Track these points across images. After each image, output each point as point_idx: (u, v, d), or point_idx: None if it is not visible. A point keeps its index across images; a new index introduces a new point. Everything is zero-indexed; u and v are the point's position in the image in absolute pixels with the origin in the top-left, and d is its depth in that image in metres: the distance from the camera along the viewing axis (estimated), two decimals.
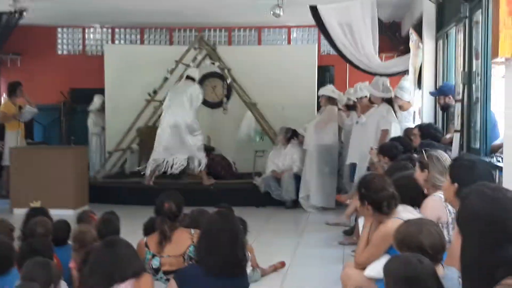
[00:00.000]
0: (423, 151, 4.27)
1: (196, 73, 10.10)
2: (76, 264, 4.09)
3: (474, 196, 2.19)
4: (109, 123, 11.78)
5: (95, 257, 3.44)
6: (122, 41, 13.50)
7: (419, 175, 4.24)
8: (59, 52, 13.61)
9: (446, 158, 4.21)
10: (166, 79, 10.40)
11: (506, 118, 4.22)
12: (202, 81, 11.72)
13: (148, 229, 4.65)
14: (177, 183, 9.82)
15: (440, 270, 2.83)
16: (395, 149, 6.19)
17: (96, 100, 11.88)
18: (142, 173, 9.92)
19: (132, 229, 4.99)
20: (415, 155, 5.29)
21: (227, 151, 11.03)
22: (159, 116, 11.04)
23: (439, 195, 3.93)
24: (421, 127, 6.91)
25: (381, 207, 3.85)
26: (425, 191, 4.21)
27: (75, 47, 13.62)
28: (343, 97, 9.86)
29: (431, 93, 7.68)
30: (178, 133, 9.68)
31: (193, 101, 9.73)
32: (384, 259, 3.43)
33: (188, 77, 9.95)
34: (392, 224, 3.78)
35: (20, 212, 7.93)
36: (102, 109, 11.92)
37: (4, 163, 10.13)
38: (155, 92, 10.47)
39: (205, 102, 11.67)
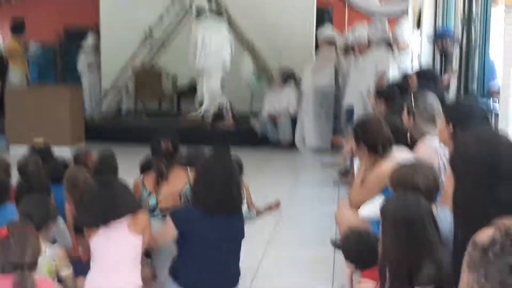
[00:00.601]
0: (411, 97, 4.25)
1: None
2: (69, 204, 4.11)
3: (469, 139, 2.21)
4: (105, 61, 11.67)
5: (90, 196, 3.46)
6: None
7: (406, 120, 4.25)
8: None
9: (433, 105, 4.18)
10: (161, 17, 10.26)
11: (504, 63, 4.20)
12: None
13: (144, 168, 4.67)
14: (173, 123, 9.83)
15: (433, 210, 2.87)
16: (392, 92, 6.17)
17: (89, 38, 11.71)
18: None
19: (128, 167, 5.01)
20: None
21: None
22: (155, 54, 10.96)
23: (430, 140, 3.95)
24: (419, 70, 6.88)
25: (376, 149, 3.87)
26: (408, 136, 4.22)
27: None
28: (341, 39, 9.77)
29: (429, 37, 7.62)
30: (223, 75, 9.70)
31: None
32: (378, 200, 3.47)
33: (197, 13, 9.76)
34: (386, 165, 3.80)
35: (16, 149, 8.03)
36: (94, 48, 11.75)
37: None
38: (151, 30, 10.34)
39: None
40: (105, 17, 11.70)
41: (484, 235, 1.65)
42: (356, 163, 4.80)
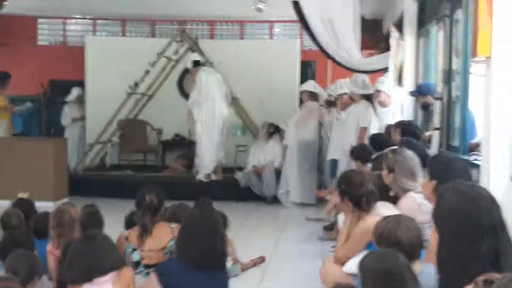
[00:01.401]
0: (389, 153, 4.30)
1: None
2: (54, 248, 4.07)
3: (450, 193, 2.24)
4: (90, 116, 11.71)
5: (73, 250, 3.44)
6: (103, 33, 13.42)
7: (386, 176, 4.28)
8: (39, 42, 13.49)
9: (413, 161, 4.21)
10: (147, 72, 10.37)
11: (485, 117, 4.28)
12: (184, 75, 11.73)
13: (129, 223, 4.66)
14: (157, 176, 9.83)
15: (417, 266, 2.88)
16: (365, 152, 6.25)
17: (74, 91, 11.75)
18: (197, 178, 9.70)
19: (112, 222, 4.98)
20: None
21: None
22: (140, 109, 11.03)
23: (412, 195, 3.99)
24: (401, 124, 6.97)
25: (360, 203, 3.90)
26: (391, 192, 4.25)
27: (55, 38, 13.51)
28: (324, 93, 9.91)
29: (411, 93, 7.74)
30: (224, 128, 9.70)
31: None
32: (363, 255, 3.47)
33: (197, 63, 9.81)
34: (371, 220, 3.82)
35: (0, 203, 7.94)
36: (78, 101, 11.79)
37: None
38: (136, 84, 10.44)
39: (186, 96, 11.67)
40: (91, 71, 11.80)
41: None
42: (341, 217, 4.82)
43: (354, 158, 6.35)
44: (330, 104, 9.43)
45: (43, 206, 6.00)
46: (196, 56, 9.96)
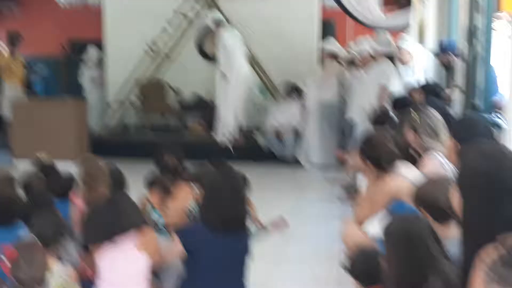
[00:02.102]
0: (412, 112, 4.23)
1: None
2: (79, 199, 4.10)
3: (472, 154, 2.21)
4: (109, 75, 11.71)
5: (95, 211, 3.47)
6: None
7: (408, 135, 4.23)
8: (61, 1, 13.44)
9: (436, 120, 4.14)
10: (165, 29, 10.30)
11: (510, 76, 4.19)
12: (203, 34, 11.62)
13: (150, 184, 4.68)
14: (178, 138, 9.85)
15: (454, 229, 2.82)
16: (384, 118, 6.15)
17: (90, 51, 11.74)
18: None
19: (133, 183, 5.01)
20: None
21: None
22: (157, 66, 11.00)
23: (435, 154, 3.94)
24: (424, 84, 6.89)
25: (380, 163, 3.87)
26: (413, 152, 4.21)
27: None
28: (344, 52, 9.80)
29: (433, 52, 7.62)
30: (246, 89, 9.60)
31: None
32: (383, 215, 3.46)
33: (217, 23, 9.68)
34: (391, 180, 3.81)
35: (21, 163, 8.03)
36: (96, 61, 11.78)
37: (2, 112, 10.11)
38: (154, 43, 10.38)
39: (206, 56, 11.59)
40: (109, 31, 11.75)
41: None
42: (361, 178, 4.80)
43: (372, 123, 6.27)
44: (351, 63, 9.33)
45: (64, 165, 6.06)
46: (217, 16, 9.84)
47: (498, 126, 4.70)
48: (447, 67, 7.22)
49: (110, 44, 11.70)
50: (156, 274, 3.74)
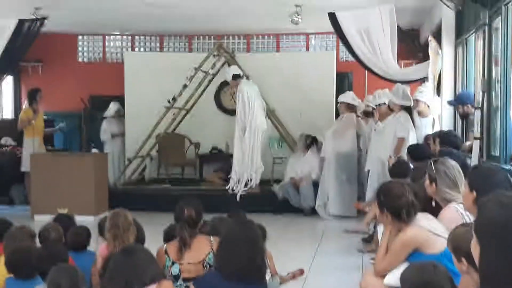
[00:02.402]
0: (431, 163, 4.21)
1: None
2: (108, 251, 4.19)
3: (491, 204, 2.19)
4: (129, 130, 11.86)
5: (113, 264, 3.46)
6: (141, 49, 13.62)
7: (428, 187, 4.20)
8: (80, 59, 13.77)
9: (455, 171, 4.11)
10: (185, 86, 10.46)
11: None
12: (220, 88, 11.80)
13: (168, 236, 4.68)
14: (195, 189, 9.89)
15: None
16: (402, 168, 6.09)
17: (112, 106, 11.91)
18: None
19: (151, 236, 5.02)
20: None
21: None
22: (179, 123, 11.12)
23: (455, 205, 3.91)
24: (440, 134, 6.88)
25: (400, 214, 3.84)
26: (433, 203, 4.18)
27: (95, 55, 13.78)
28: (361, 104, 9.85)
29: (450, 102, 7.64)
30: (263, 141, 9.76)
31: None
32: (403, 267, 3.42)
33: (237, 76, 9.85)
34: (411, 231, 3.78)
35: (40, 219, 8.04)
36: (117, 115, 11.95)
37: (23, 169, 10.20)
38: (174, 99, 10.53)
39: (224, 109, 11.74)
40: (130, 86, 11.96)
41: None
42: (380, 229, 4.76)
43: (392, 176, 6.23)
44: (368, 114, 9.37)
45: (84, 220, 6.09)
46: (235, 69, 10.00)
47: None
48: (465, 118, 7.23)
49: (130, 100, 11.90)
50: None
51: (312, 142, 9.90)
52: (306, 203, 9.51)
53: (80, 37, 13.66)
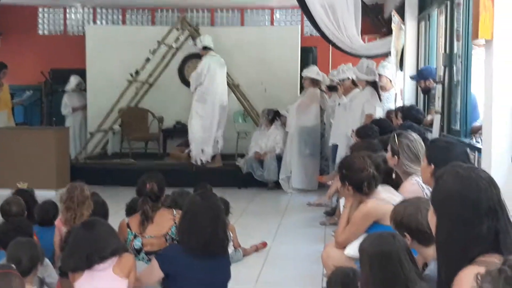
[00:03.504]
0: (395, 136, 4.25)
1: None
2: (61, 223, 4.21)
3: (447, 176, 2.23)
4: (90, 104, 11.71)
5: (74, 238, 3.44)
6: (103, 22, 13.39)
7: (390, 159, 4.24)
8: (40, 32, 13.48)
9: (418, 144, 4.14)
10: (148, 59, 10.33)
11: (486, 100, 4.26)
12: (184, 62, 11.70)
13: (130, 210, 4.66)
14: (159, 164, 9.84)
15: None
16: (370, 131, 6.19)
17: (72, 80, 11.71)
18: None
19: (114, 210, 4.99)
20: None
21: None
22: (142, 97, 11.01)
23: (415, 178, 3.96)
24: (402, 109, 6.95)
25: (361, 187, 3.88)
26: (393, 175, 4.22)
27: (56, 27, 13.50)
28: (326, 78, 9.88)
29: (412, 77, 7.70)
30: (223, 113, 9.75)
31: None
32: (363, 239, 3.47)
33: (205, 48, 9.77)
34: (371, 204, 3.83)
35: (1, 193, 7.92)
36: (78, 89, 11.78)
37: None
38: (137, 72, 10.39)
39: (188, 83, 11.63)
40: (91, 60, 11.78)
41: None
42: (342, 202, 4.82)
43: (361, 137, 6.27)
44: (332, 89, 9.40)
45: (45, 195, 6.01)
46: (209, 41, 9.85)
47: (476, 150, 4.75)
48: (426, 93, 7.30)
49: (91, 73, 11.72)
50: None
51: (275, 116, 9.90)
52: (270, 177, 9.54)
53: (40, 9, 13.34)
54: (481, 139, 4.78)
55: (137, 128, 11.07)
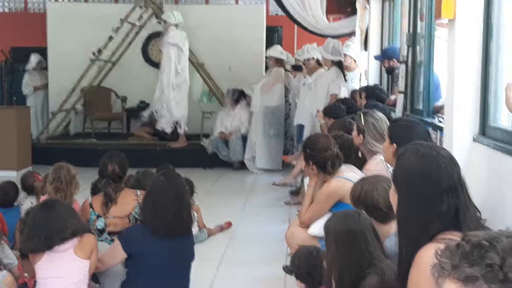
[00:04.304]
0: (361, 115, 4.26)
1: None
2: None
3: (408, 154, 2.24)
4: (52, 83, 11.49)
5: (32, 219, 3.37)
6: None
7: (355, 138, 4.25)
8: (0, 9, 13.14)
9: (383, 123, 4.15)
10: (111, 38, 10.16)
11: (448, 79, 4.29)
12: (148, 41, 11.55)
13: (95, 189, 4.61)
14: (122, 144, 9.74)
15: (393, 227, 2.86)
16: (338, 110, 6.23)
17: (33, 59, 11.45)
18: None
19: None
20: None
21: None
22: (105, 76, 10.84)
23: (380, 157, 3.99)
24: (366, 88, 6.98)
25: (325, 166, 3.90)
26: (359, 154, 4.25)
27: (16, 4, 13.19)
28: (290, 58, 9.86)
29: (376, 57, 7.73)
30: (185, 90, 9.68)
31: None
32: (327, 217, 3.48)
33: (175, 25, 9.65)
34: (335, 183, 3.85)
35: None
36: (39, 68, 11.54)
37: None
38: (99, 51, 10.22)
39: (151, 62, 11.51)
40: (52, 38, 11.55)
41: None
42: (307, 181, 4.83)
43: (327, 115, 6.28)
44: (297, 68, 9.39)
45: (6, 176, 5.91)
46: (179, 17, 9.69)
47: (439, 128, 4.80)
48: (390, 73, 7.34)
49: (53, 51, 11.50)
50: (98, 279, 3.68)
51: (240, 96, 9.86)
52: (235, 157, 9.53)
53: None
54: (443, 119, 4.82)
55: (100, 107, 10.94)
